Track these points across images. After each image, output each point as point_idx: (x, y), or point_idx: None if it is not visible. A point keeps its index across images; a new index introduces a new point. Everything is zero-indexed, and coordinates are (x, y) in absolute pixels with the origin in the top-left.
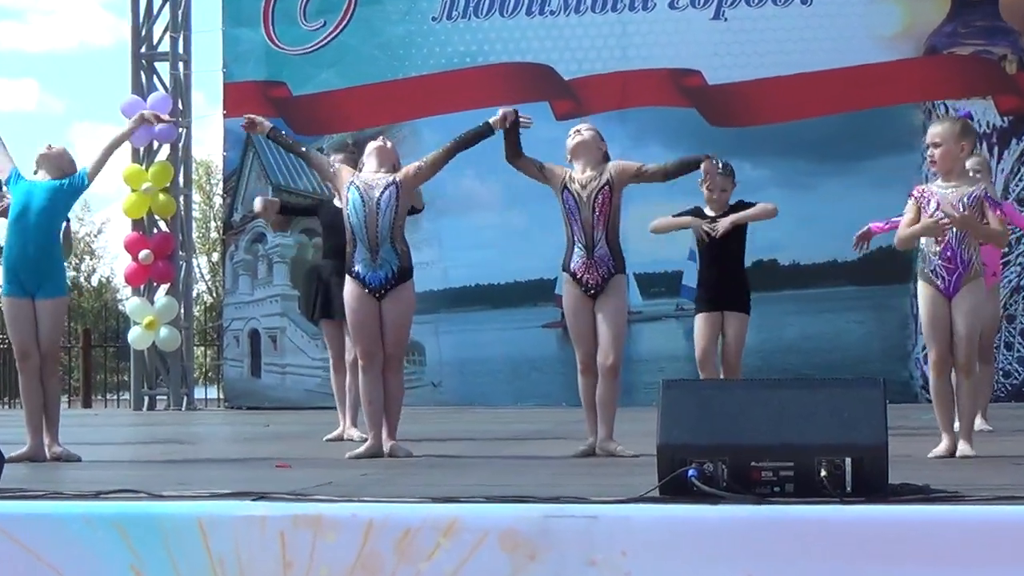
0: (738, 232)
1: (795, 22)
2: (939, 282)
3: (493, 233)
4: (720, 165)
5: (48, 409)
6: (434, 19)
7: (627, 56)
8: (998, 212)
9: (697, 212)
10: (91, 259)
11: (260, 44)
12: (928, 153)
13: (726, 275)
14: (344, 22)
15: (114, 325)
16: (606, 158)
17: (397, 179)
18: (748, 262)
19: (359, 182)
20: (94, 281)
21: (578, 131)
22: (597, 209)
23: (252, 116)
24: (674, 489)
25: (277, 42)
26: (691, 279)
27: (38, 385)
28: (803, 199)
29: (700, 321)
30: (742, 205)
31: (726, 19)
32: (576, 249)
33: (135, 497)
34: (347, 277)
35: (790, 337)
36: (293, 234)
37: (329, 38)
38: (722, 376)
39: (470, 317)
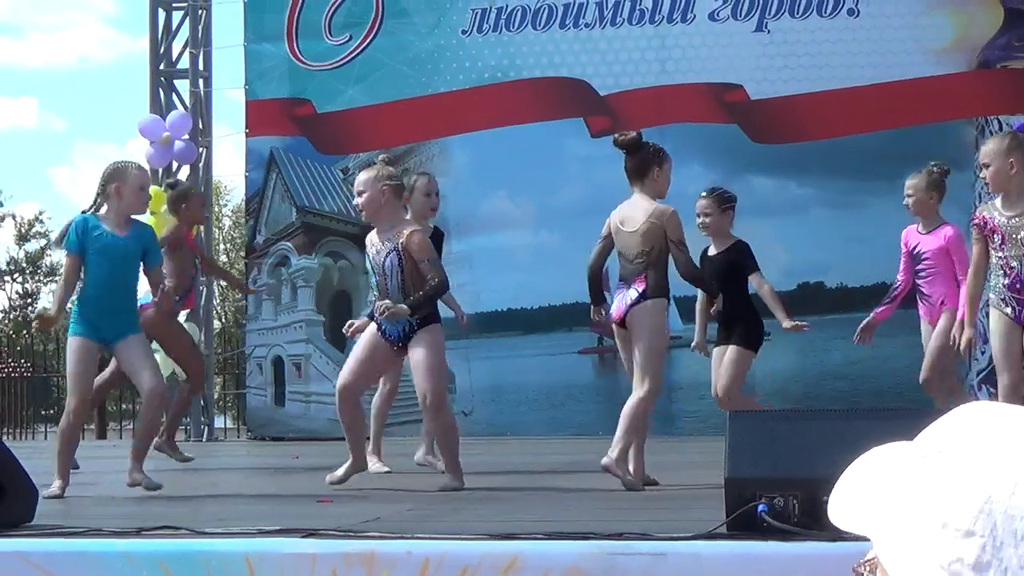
0: (732, 272)
1: (841, 34)
2: (1009, 310)
3: (526, 255)
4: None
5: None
6: (464, 32)
7: (666, 70)
8: None
9: (704, 254)
10: None
11: (283, 60)
12: (981, 174)
13: (727, 310)
14: (371, 36)
15: None
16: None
17: (399, 244)
18: (792, 284)
19: (368, 243)
20: None
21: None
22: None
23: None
24: (743, 524)
25: (301, 57)
26: None
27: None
28: (850, 219)
29: (712, 355)
30: (738, 250)
31: (769, 31)
32: None
33: (177, 534)
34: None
35: (835, 362)
36: (318, 256)
37: (355, 53)
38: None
39: (502, 343)
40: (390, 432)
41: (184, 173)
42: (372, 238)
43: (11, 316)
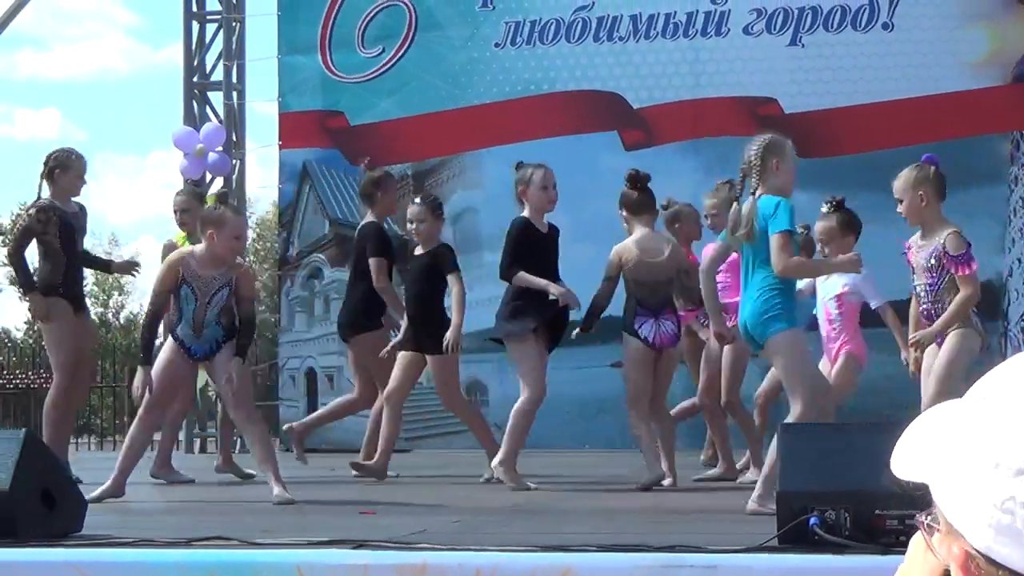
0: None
1: (876, 48)
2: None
3: (560, 268)
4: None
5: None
6: (497, 45)
7: (700, 84)
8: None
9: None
10: (119, 295)
11: (316, 72)
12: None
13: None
14: (404, 49)
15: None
16: None
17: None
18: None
19: None
20: (122, 318)
21: None
22: None
23: None
24: (795, 538)
25: (334, 70)
26: None
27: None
28: (885, 233)
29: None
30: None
31: (803, 45)
32: None
33: (228, 544)
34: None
35: (872, 377)
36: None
37: (388, 65)
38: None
39: None
40: (422, 445)
41: (217, 185)
42: None
43: (35, 327)
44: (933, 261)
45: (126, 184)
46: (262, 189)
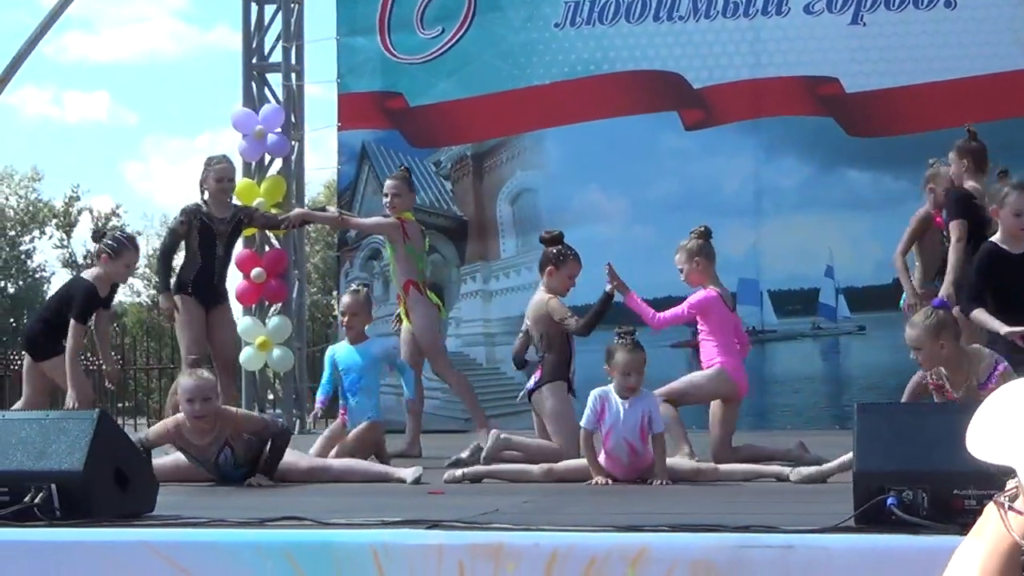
0: None
1: (939, 26)
2: None
3: (619, 249)
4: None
5: None
6: (557, 26)
7: (760, 63)
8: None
9: None
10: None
11: (376, 53)
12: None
13: None
14: (463, 29)
15: None
16: None
17: None
18: (887, 279)
19: None
20: None
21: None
22: None
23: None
24: (872, 518)
25: (393, 51)
26: (828, 297)
27: None
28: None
29: None
30: None
31: (865, 24)
32: None
33: (302, 524)
34: None
35: None
36: None
37: (447, 46)
38: None
39: (594, 336)
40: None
41: (276, 167)
42: None
43: None
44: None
45: (175, 167)
46: (319, 171)
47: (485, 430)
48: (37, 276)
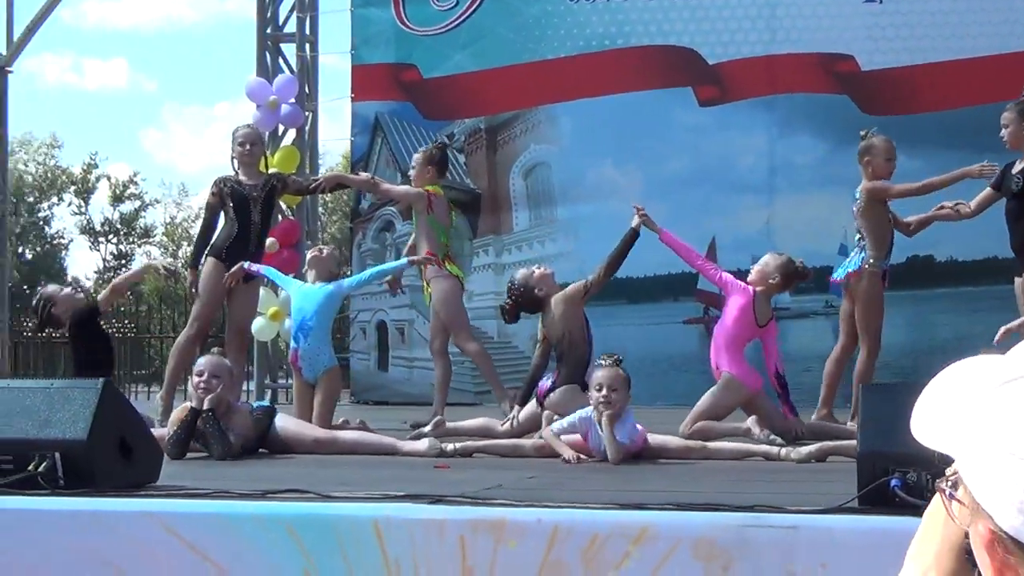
0: None
1: (956, 4)
2: None
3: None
4: None
5: None
6: None
7: (776, 39)
8: None
9: None
10: (189, 245)
11: (390, 25)
12: None
13: None
14: (478, 2)
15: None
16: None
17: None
18: (902, 257)
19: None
20: None
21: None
22: None
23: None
24: (875, 499)
25: (407, 23)
26: (840, 274)
27: None
28: (962, 192)
29: None
30: None
31: (881, 1)
32: None
33: (304, 497)
34: None
35: (943, 337)
36: None
37: (462, 18)
38: None
39: (606, 311)
40: (490, 400)
41: (290, 137)
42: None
43: (105, 277)
44: None
45: (193, 135)
46: (333, 142)
47: (508, 402)
48: (55, 243)
